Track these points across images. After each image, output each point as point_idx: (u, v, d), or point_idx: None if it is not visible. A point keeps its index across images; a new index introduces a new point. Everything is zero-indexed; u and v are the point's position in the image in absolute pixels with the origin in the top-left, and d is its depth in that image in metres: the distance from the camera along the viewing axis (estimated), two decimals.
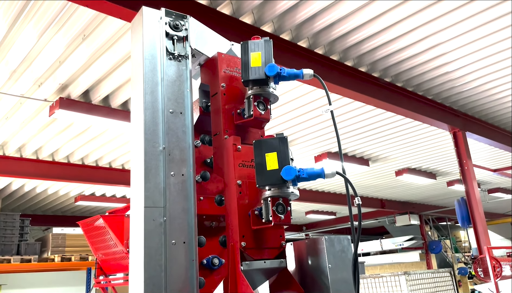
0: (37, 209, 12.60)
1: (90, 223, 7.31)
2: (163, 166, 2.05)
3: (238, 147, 2.17)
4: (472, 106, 8.05)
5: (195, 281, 1.95)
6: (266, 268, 2.09)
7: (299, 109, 7.38)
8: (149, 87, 2.11)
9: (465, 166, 7.65)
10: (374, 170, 11.49)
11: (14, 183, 9.92)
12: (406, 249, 17.00)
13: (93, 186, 10.66)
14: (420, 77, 6.78)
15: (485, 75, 6.81)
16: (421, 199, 16.48)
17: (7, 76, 5.68)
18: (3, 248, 9.31)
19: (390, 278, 5.74)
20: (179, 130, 2.14)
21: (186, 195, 2.07)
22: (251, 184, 2.15)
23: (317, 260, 2.05)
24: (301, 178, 1.94)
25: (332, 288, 1.97)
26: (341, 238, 2.10)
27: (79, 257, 10.31)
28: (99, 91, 6.16)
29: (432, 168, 11.92)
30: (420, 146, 9.84)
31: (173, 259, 1.94)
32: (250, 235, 2.06)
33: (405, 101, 6.98)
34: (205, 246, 2.24)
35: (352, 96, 6.39)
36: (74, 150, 8.36)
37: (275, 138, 1.99)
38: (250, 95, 2.18)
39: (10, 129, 7.17)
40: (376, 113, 7.76)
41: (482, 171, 10.46)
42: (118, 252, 6.73)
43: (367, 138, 9.06)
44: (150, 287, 1.86)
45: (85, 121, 6.71)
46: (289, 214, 2.02)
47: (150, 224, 1.94)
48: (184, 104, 2.18)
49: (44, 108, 6.48)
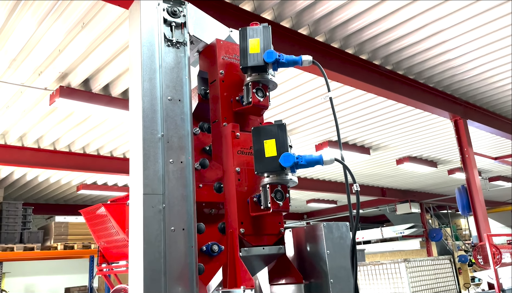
0: (39, 198, 12.66)
1: (92, 212, 7.36)
2: (162, 153, 2.05)
3: (236, 134, 2.17)
4: (473, 94, 8.02)
5: (194, 267, 1.97)
6: (265, 254, 2.10)
7: (299, 97, 7.36)
8: (147, 74, 2.10)
9: (466, 154, 7.64)
10: (375, 158, 11.49)
11: (16, 172, 9.96)
12: (407, 237, 17.08)
13: (94, 175, 10.69)
14: (421, 65, 6.74)
15: (486, 63, 6.77)
16: (422, 187, 16.50)
17: (6, 65, 5.67)
18: (6, 237, 9.39)
19: (390, 265, 5.77)
20: (177, 117, 2.13)
21: (185, 182, 2.07)
22: (250, 171, 2.15)
23: (316, 246, 2.07)
24: (299, 165, 1.94)
25: (331, 274, 1.98)
26: (339, 225, 2.10)
27: (81, 245, 10.40)
28: (99, 80, 6.14)
29: (433, 156, 11.92)
30: (421, 134, 9.83)
31: (173, 246, 1.96)
32: (248, 221, 2.06)
33: (406, 89, 6.95)
34: (205, 233, 2.25)
35: (353, 84, 6.36)
36: (75, 139, 8.37)
37: (273, 125, 1.98)
38: (248, 82, 2.17)
39: (11, 118, 7.17)
40: (377, 101, 7.73)
41: (483, 159, 10.45)
42: (120, 240, 6.79)
43: (368, 126, 9.04)
44: (149, 273, 1.87)
45: (85, 110, 6.70)
46: (288, 201, 2.02)
47: (149, 211, 1.95)
48: (183, 91, 2.18)
49: (45, 97, 6.48)
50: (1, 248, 9.19)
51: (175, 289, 1.90)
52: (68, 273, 13.96)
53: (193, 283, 1.94)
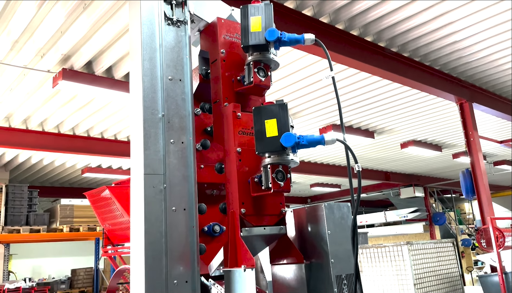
0: (45, 181, 12.76)
1: (96, 194, 7.41)
2: (162, 133, 2.04)
3: (238, 114, 2.15)
4: (479, 77, 7.92)
5: (196, 247, 1.97)
6: (266, 234, 2.10)
7: (303, 81, 7.30)
8: (147, 53, 2.08)
9: (471, 137, 7.59)
10: (379, 142, 11.44)
11: (21, 155, 10.01)
12: (410, 221, 17.12)
13: (99, 158, 10.73)
14: (427, 47, 6.65)
15: (493, 45, 6.67)
16: (426, 171, 16.46)
17: (9, 47, 5.64)
18: (12, 219, 9.49)
19: (392, 248, 5.78)
20: (178, 97, 2.12)
21: (186, 162, 2.06)
22: (251, 152, 2.14)
23: (317, 226, 2.06)
24: (300, 145, 1.92)
25: (331, 254, 1.98)
26: (340, 205, 2.10)
27: (87, 227, 10.51)
28: (102, 62, 6.11)
29: (437, 140, 11.85)
30: (426, 118, 9.75)
31: (174, 226, 1.96)
32: (249, 202, 2.06)
33: (412, 71, 6.87)
34: (206, 214, 2.25)
35: (357, 66, 6.30)
36: (79, 122, 8.38)
37: (274, 105, 1.96)
38: (250, 62, 2.15)
39: (15, 101, 7.18)
40: (382, 84, 7.66)
41: (488, 143, 10.38)
42: (124, 222, 6.84)
43: (372, 110, 8.98)
44: (151, 253, 1.88)
45: (88, 92, 6.69)
46: (289, 181, 2.01)
47: (150, 191, 1.95)
48: (184, 71, 2.15)
49: (48, 79, 6.46)
50: (8, 230, 9.30)
51: (177, 269, 1.91)
52: (74, 255, 14.15)
53: (195, 262, 1.95)
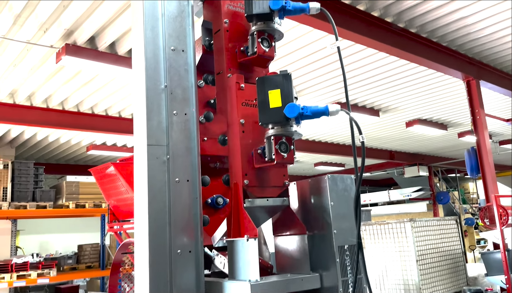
0: (50, 158, 12.84)
1: (101, 170, 7.46)
2: (165, 104, 2.03)
3: (241, 85, 2.13)
4: (487, 54, 7.79)
5: (199, 218, 1.99)
6: (269, 205, 2.11)
7: (308, 57, 7.21)
8: (149, 23, 2.05)
9: (477, 115, 7.52)
10: (384, 120, 11.37)
11: (27, 131, 10.05)
12: (414, 200, 17.14)
13: (104, 135, 10.76)
14: (435, 23, 6.52)
15: (501, 21, 6.52)
16: (431, 150, 16.40)
17: (11, 21, 5.59)
18: (18, 195, 9.58)
19: (395, 225, 5.81)
20: (181, 68, 2.10)
21: (189, 134, 2.06)
22: (254, 124, 2.13)
23: (320, 198, 2.06)
24: (304, 116, 1.91)
25: (334, 225, 1.99)
26: (344, 177, 2.09)
27: (92, 204, 10.61)
28: (105, 37, 6.06)
29: (443, 119, 11.76)
30: (432, 96, 9.65)
31: (177, 196, 1.97)
32: (253, 173, 2.06)
33: (419, 48, 6.76)
34: (210, 186, 2.26)
35: (364, 42, 6.20)
36: (83, 99, 8.37)
37: (278, 75, 1.94)
38: (253, 32, 2.11)
39: (19, 77, 7.16)
40: (388, 61, 7.56)
41: (494, 122, 10.29)
42: (129, 198, 6.90)
43: (378, 88, 8.89)
44: (154, 223, 1.89)
45: (92, 68, 6.65)
46: (292, 153, 2.01)
47: (153, 162, 1.95)
48: (186, 41, 2.13)
49: (51, 55, 6.42)
50: (15, 206, 9.40)
51: (180, 239, 1.92)
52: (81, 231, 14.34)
53: (198, 232, 1.96)
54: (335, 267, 1.94)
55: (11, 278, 8.82)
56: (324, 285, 1.98)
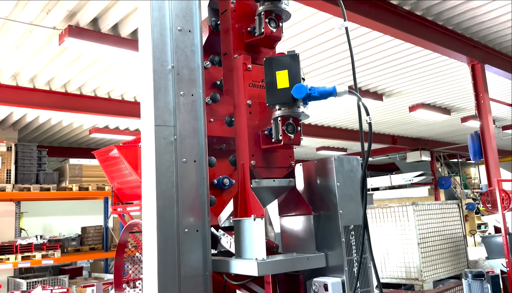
0: (53, 141, 12.87)
1: (105, 153, 7.48)
2: (172, 85, 2.03)
3: (248, 66, 2.12)
4: (492, 38, 7.72)
5: (206, 198, 2.00)
6: (275, 186, 2.12)
7: (313, 39, 7.15)
8: (156, 3, 2.04)
9: (481, 99, 7.49)
10: (387, 105, 11.34)
11: (29, 114, 10.05)
12: (415, 185, 17.19)
13: (106, 118, 10.75)
14: (440, 5, 6.45)
15: (507, 5, 6.45)
16: (433, 135, 16.38)
17: (14, 3, 5.55)
18: (22, 177, 9.64)
19: (397, 208, 5.84)
20: (188, 49, 2.09)
21: (196, 115, 2.06)
22: (261, 105, 2.13)
23: (326, 179, 2.08)
24: (312, 97, 1.91)
25: (340, 205, 2.00)
26: (350, 158, 2.10)
27: (96, 186, 10.66)
28: (108, 19, 6.01)
29: (447, 103, 11.71)
30: (436, 80, 9.60)
31: (184, 177, 1.98)
32: (259, 154, 2.07)
33: (424, 31, 6.70)
34: (216, 167, 2.27)
35: (369, 25, 6.14)
36: (85, 81, 8.35)
37: (286, 55, 1.94)
38: (261, 12, 2.10)
39: (22, 58, 7.14)
40: (393, 44, 7.50)
41: (498, 106, 10.23)
42: (133, 181, 6.93)
43: (382, 72, 8.84)
44: (162, 202, 1.92)
45: (95, 50, 6.62)
46: (299, 134, 2.01)
47: (160, 142, 1.97)
48: (193, 22, 2.11)
49: (54, 36, 6.39)
50: (18, 188, 9.47)
51: (188, 218, 1.95)
52: (84, 214, 14.45)
53: (205, 212, 1.98)
54: (341, 247, 1.96)
55: (16, 259, 8.93)
56: (330, 264, 2.01)
